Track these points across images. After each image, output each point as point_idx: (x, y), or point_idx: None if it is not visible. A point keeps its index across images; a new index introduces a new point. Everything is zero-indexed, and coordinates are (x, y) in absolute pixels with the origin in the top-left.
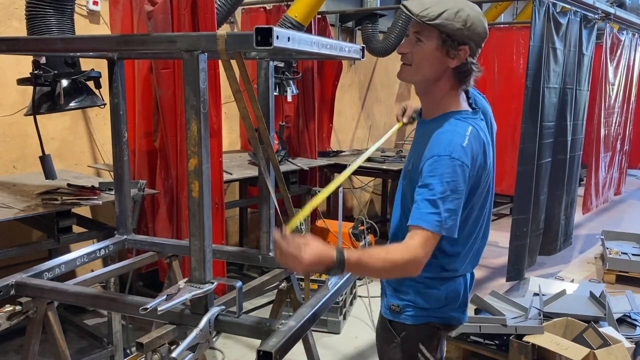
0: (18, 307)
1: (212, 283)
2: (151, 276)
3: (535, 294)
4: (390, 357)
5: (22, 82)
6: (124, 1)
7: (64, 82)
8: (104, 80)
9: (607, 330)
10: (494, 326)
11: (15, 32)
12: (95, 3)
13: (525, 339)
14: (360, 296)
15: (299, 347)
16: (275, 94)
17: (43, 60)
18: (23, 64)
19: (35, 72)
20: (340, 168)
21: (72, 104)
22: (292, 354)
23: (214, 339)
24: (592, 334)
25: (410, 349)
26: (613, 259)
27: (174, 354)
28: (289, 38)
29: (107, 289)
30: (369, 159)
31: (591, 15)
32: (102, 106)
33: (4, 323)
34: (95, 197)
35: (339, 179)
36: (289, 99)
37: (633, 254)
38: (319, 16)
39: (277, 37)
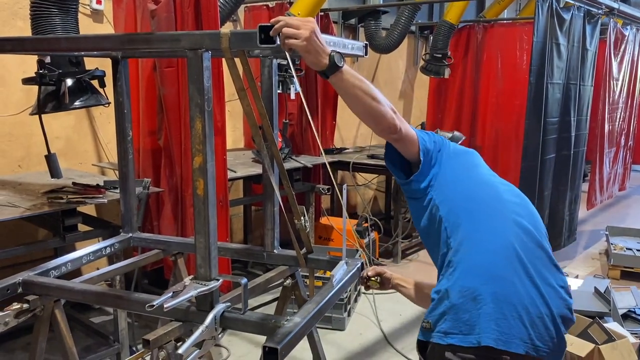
0: (25, 305)
1: (218, 280)
2: (156, 274)
3: None
4: None
5: (27, 81)
6: (127, 0)
7: (69, 81)
8: (108, 79)
9: (612, 325)
10: None
11: (20, 32)
12: (98, 2)
13: None
14: (364, 293)
15: (304, 343)
16: (278, 91)
17: (48, 59)
18: (28, 64)
19: (40, 71)
20: (344, 165)
21: (77, 103)
22: (297, 351)
23: (219, 336)
24: (597, 330)
25: None
26: (618, 255)
27: (180, 351)
28: None
29: (113, 286)
30: (372, 157)
31: (595, 11)
32: (107, 105)
33: (11, 321)
34: (101, 196)
35: None
36: (292, 96)
37: (638, 250)
38: (322, 13)
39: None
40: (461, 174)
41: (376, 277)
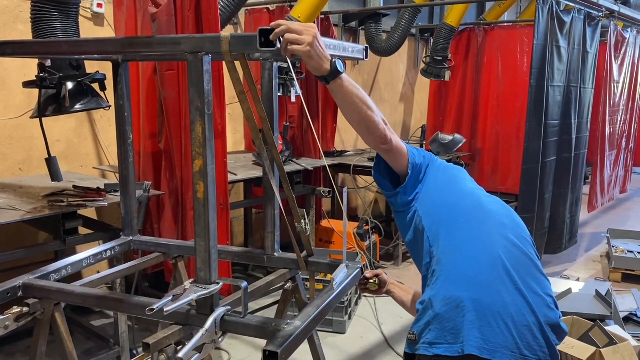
0: (25, 309)
1: (218, 283)
2: (157, 277)
3: None
4: None
5: (28, 84)
6: (128, 3)
7: (70, 85)
8: (109, 83)
9: (613, 328)
10: None
11: (21, 35)
12: (99, 5)
13: None
14: (365, 296)
15: (304, 347)
16: (279, 94)
17: (48, 62)
18: (29, 67)
19: (41, 74)
20: (345, 168)
21: (78, 106)
22: (297, 354)
23: (220, 339)
24: (598, 333)
25: None
26: (619, 258)
27: (180, 354)
28: None
29: (113, 290)
30: (373, 159)
31: (595, 13)
32: (107, 108)
33: (11, 324)
34: (101, 199)
35: None
36: (293, 99)
37: (639, 252)
38: (322, 16)
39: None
40: (445, 186)
41: (375, 279)
